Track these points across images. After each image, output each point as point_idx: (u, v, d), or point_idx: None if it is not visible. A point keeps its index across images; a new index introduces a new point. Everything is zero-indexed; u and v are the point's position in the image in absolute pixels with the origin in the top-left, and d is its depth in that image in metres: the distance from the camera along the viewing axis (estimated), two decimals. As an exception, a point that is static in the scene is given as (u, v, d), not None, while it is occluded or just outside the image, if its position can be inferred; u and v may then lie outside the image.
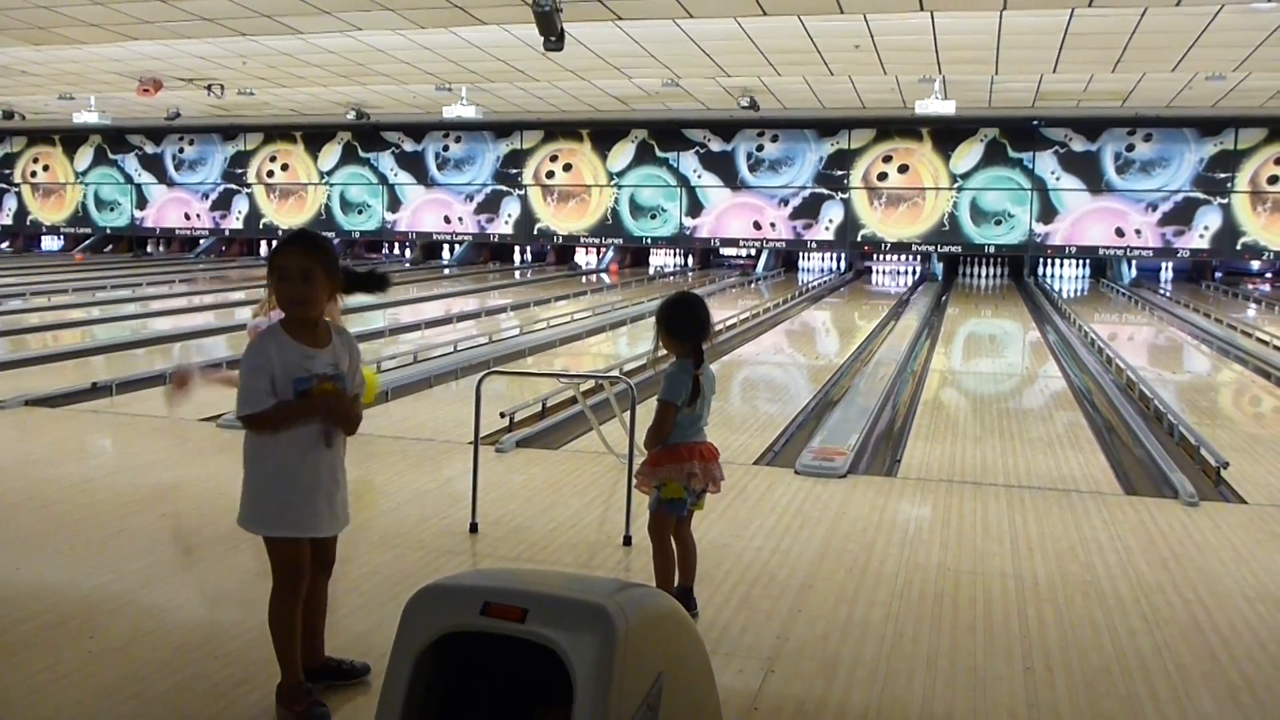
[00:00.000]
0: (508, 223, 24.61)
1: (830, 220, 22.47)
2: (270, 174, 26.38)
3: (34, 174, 28.46)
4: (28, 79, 17.26)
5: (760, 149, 22.77)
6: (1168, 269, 22.14)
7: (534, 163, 24.29)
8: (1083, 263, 21.98)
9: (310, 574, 3.10)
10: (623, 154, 23.66)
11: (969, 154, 21.54)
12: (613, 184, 23.80)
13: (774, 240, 23.08)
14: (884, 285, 21.75)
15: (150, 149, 27.24)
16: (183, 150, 27.04)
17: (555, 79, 16.53)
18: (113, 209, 27.81)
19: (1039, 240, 21.42)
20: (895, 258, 23.28)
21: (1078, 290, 20.57)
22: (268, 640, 3.08)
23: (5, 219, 28.78)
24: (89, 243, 28.03)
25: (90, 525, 4.80)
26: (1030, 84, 16.18)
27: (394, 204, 25.42)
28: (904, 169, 21.97)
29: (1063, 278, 21.98)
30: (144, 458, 6.12)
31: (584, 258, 25.39)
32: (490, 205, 24.67)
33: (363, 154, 25.49)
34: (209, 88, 17.64)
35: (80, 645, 3.47)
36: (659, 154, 23.40)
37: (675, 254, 24.92)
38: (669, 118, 21.78)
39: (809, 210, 22.59)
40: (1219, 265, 21.62)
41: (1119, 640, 3.67)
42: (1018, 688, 3.30)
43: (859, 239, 22.43)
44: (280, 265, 3.02)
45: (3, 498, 5.23)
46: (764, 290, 19.43)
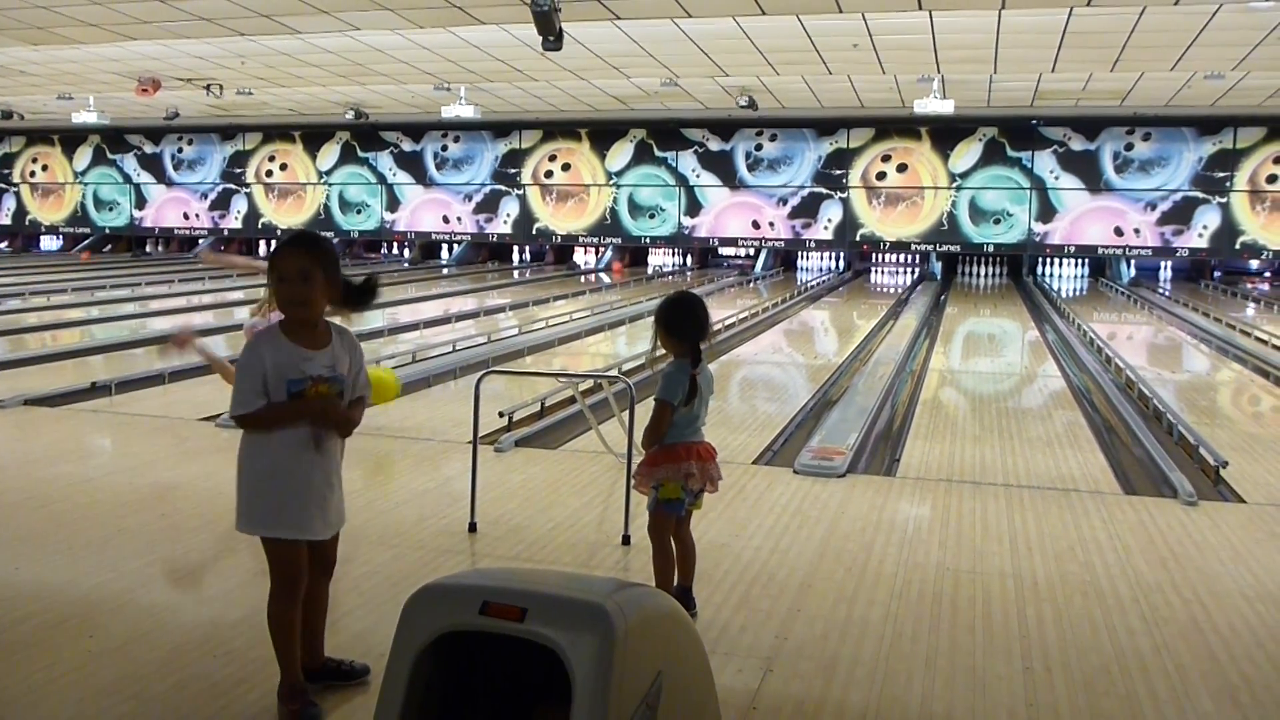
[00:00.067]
0: (506, 222, 24.60)
1: (829, 220, 22.47)
2: (269, 174, 26.37)
3: (33, 174, 28.45)
4: (26, 79, 17.26)
5: (759, 148, 22.77)
6: (1167, 268, 22.15)
7: (532, 162, 24.29)
8: (1082, 262, 21.99)
9: (310, 575, 3.09)
10: (621, 153, 23.65)
11: (968, 153, 21.55)
12: (611, 183, 23.80)
13: (773, 240, 23.08)
14: (883, 283, 21.75)
15: (149, 149, 27.23)
16: (181, 150, 27.03)
17: (554, 79, 16.53)
18: (112, 209, 27.80)
19: (1038, 239, 21.42)
20: (894, 257, 23.32)
21: (1077, 289, 20.58)
22: (266, 639, 3.07)
23: (4, 219, 28.78)
24: (89, 242, 28.03)
25: (89, 525, 4.80)
26: (1029, 83, 16.18)
27: (393, 204, 25.41)
28: (903, 168, 21.97)
29: (1062, 277, 21.99)
30: (143, 457, 6.12)
31: (583, 257, 25.40)
32: (489, 205, 24.67)
33: (361, 154, 25.49)
34: (208, 88, 17.64)
35: (79, 645, 3.47)
36: (658, 153, 23.40)
37: (674, 253, 24.93)
38: (668, 117, 21.78)
39: (808, 210, 22.59)
40: (1218, 264, 21.63)
41: (1118, 640, 3.67)
42: (1017, 687, 3.30)
43: (858, 238, 22.43)
44: (279, 266, 3.00)
45: (2, 497, 5.22)
46: (763, 290, 19.44)
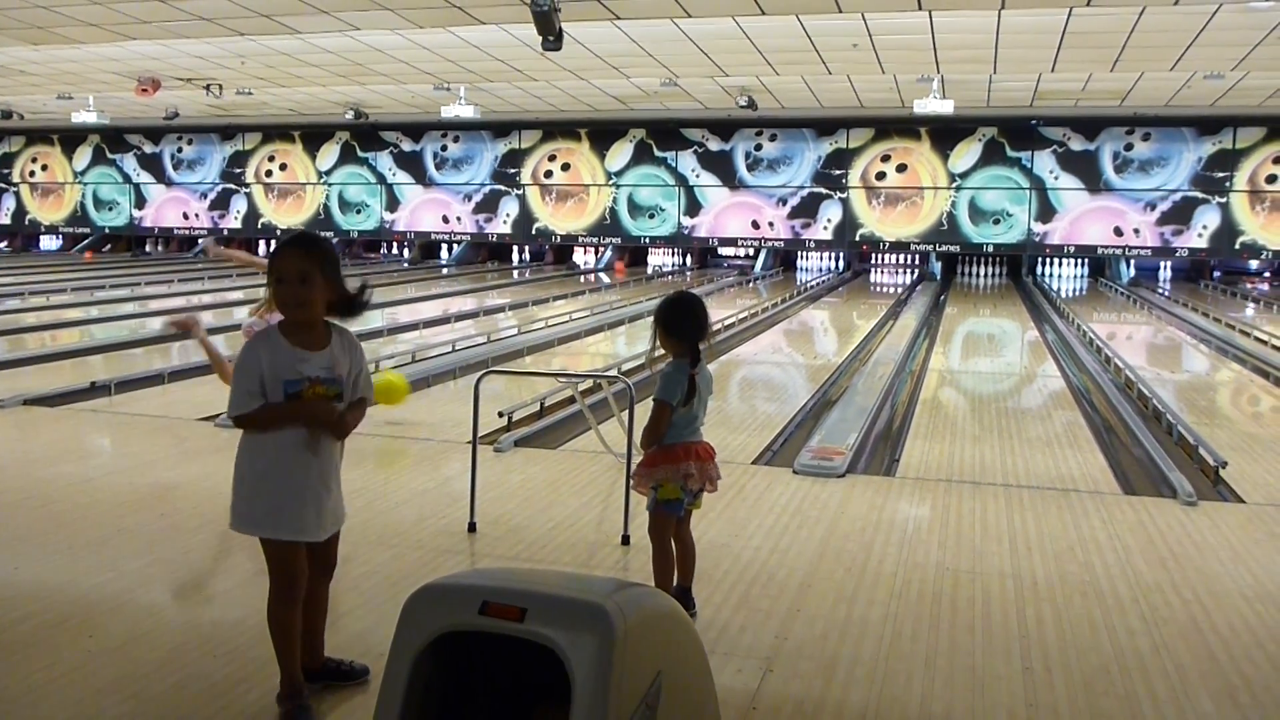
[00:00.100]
0: (506, 222, 24.60)
1: (829, 220, 22.47)
2: (269, 173, 26.37)
3: (32, 174, 28.44)
4: (26, 79, 17.25)
5: (758, 148, 22.77)
6: (1166, 268, 22.16)
7: (532, 162, 24.29)
8: (1081, 262, 21.99)
9: (310, 576, 3.08)
10: (621, 153, 23.65)
11: (967, 153, 21.55)
12: (611, 183, 23.80)
13: (772, 240, 23.08)
14: (883, 283, 21.75)
15: (149, 149, 27.23)
16: (181, 150, 27.03)
17: (553, 78, 16.53)
18: (111, 209, 27.79)
19: (1037, 239, 21.43)
20: (893, 257, 23.32)
21: (1076, 289, 20.58)
22: (266, 639, 3.07)
23: (4, 219, 28.78)
24: (89, 242, 28.03)
25: (89, 525, 4.80)
26: (1029, 83, 16.19)
27: (392, 204, 25.41)
28: (902, 168, 21.98)
29: (1061, 277, 21.99)
30: (142, 457, 6.12)
31: (582, 257, 25.40)
32: (488, 205, 24.67)
33: (361, 153, 25.49)
34: (207, 87, 17.64)
35: (79, 644, 3.47)
36: (657, 153, 23.40)
37: (673, 253, 24.93)
38: (667, 117, 21.78)
39: (807, 209, 22.60)
40: (1217, 264, 21.64)
41: (1118, 640, 3.67)
42: (1016, 687, 3.30)
43: (857, 238, 22.44)
44: (278, 267, 2.99)
45: (1, 497, 5.22)
46: (762, 290, 19.44)
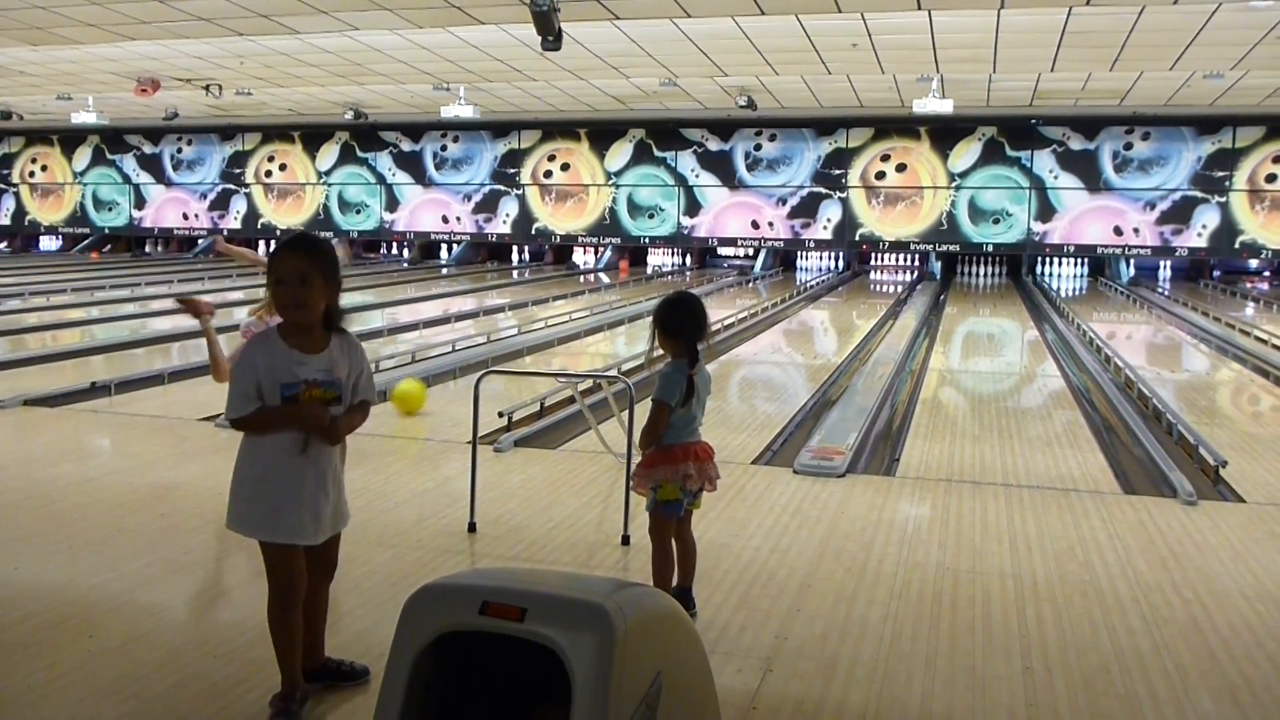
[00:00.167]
0: (505, 222, 24.60)
1: (828, 219, 22.47)
2: (268, 174, 26.37)
3: (32, 174, 28.44)
4: (26, 79, 17.25)
5: (758, 148, 22.77)
6: (1166, 268, 22.16)
7: (532, 162, 24.29)
8: (1081, 261, 21.99)
9: (310, 578, 3.07)
10: (620, 153, 23.65)
11: (967, 153, 21.55)
12: (611, 183, 23.80)
13: (772, 239, 23.08)
14: (882, 283, 21.75)
15: (148, 149, 27.23)
16: (181, 150, 27.03)
17: (553, 78, 16.52)
18: (111, 209, 27.79)
19: (1037, 239, 21.43)
20: (893, 257, 23.32)
21: (1076, 289, 20.58)
22: (266, 640, 3.07)
23: (4, 219, 28.78)
24: (89, 242, 28.02)
25: (89, 525, 4.80)
26: (1028, 83, 16.19)
27: (392, 204, 25.41)
28: (902, 168, 21.98)
29: (1061, 276, 21.99)
30: (142, 457, 6.12)
31: (582, 257, 25.40)
32: (488, 205, 24.67)
33: (361, 154, 25.48)
34: (207, 88, 17.64)
35: (79, 645, 3.47)
36: (657, 153, 23.40)
37: (673, 253, 24.93)
38: (667, 117, 21.78)
39: (807, 209, 22.59)
40: (1217, 264, 21.64)
41: (1118, 639, 3.67)
42: (1016, 687, 3.30)
43: (857, 238, 22.44)
44: (278, 268, 2.98)
45: (2, 497, 5.22)
46: (762, 290, 19.44)
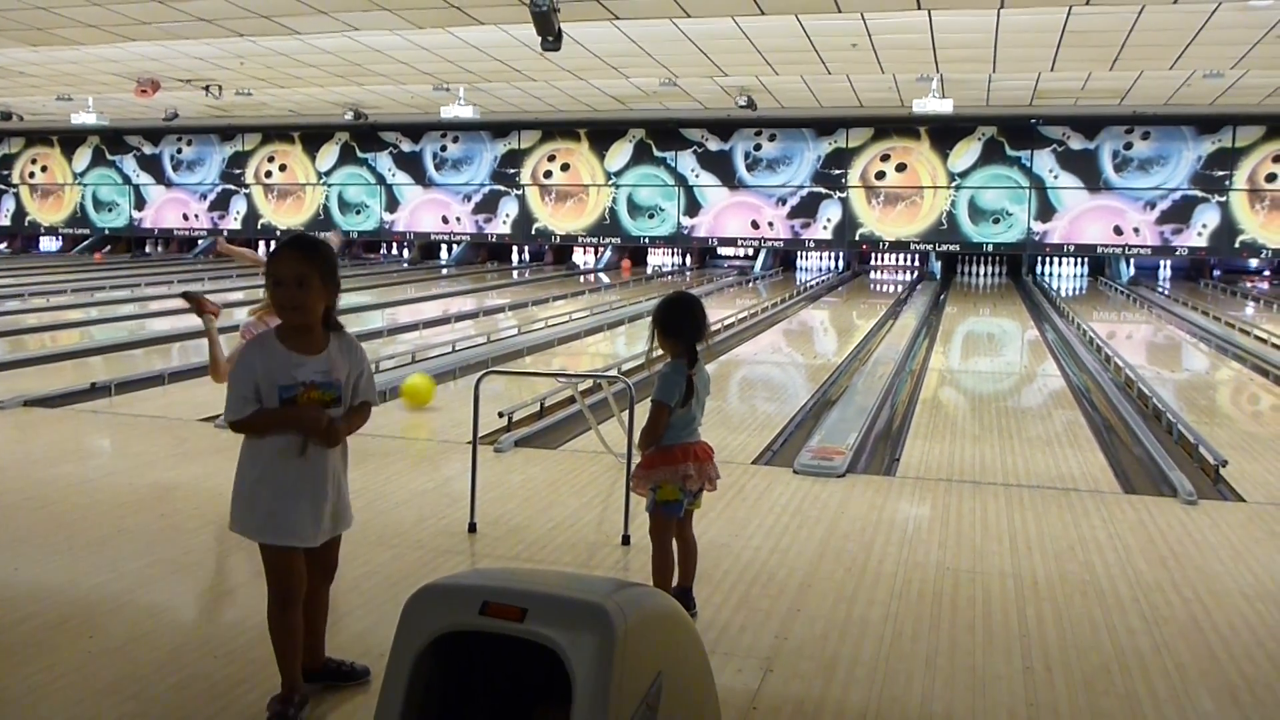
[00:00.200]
0: (505, 222, 24.60)
1: (828, 219, 22.47)
2: (268, 174, 26.38)
3: (32, 175, 28.44)
4: (26, 80, 17.26)
5: (758, 148, 22.77)
6: (1166, 267, 22.16)
7: (531, 162, 24.29)
8: (1081, 261, 21.99)
9: (310, 579, 3.07)
10: (620, 153, 23.65)
11: (967, 152, 21.55)
12: (610, 184, 23.80)
13: (772, 239, 23.08)
14: (883, 282, 21.74)
15: (148, 150, 27.23)
16: (181, 151, 27.04)
17: (553, 79, 16.53)
18: (111, 210, 27.79)
19: (1037, 239, 21.43)
20: (893, 257, 23.31)
21: (1076, 289, 20.58)
22: (266, 640, 3.07)
23: (4, 220, 28.78)
24: (89, 243, 28.03)
25: (89, 525, 4.80)
26: (1028, 82, 16.19)
27: (392, 204, 25.41)
28: (902, 168, 21.98)
29: (1061, 276, 21.99)
30: (142, 458, 6.12)
31: (582, 257, 25.40)
32: (488, 205, 24.67)
33: (360, 154, 25.49)
34: (207, 88, 17.64)
35: (79, 645, 3.47)
36: (656, 153, 23.40)
37: (673, 253, 24.94)
38: (667, 117, 21.78)
39: (807, 209, 22.60)
40: (1217, 263, 21.64)
41: (1118, 639, 3.67)
42: (1017, 687, 3.30)
43: (857, 238, 22.44)
44: (276, 270, 2.97)
45: (2, 498, 5.22)
46: (762, 290, 19.44)
